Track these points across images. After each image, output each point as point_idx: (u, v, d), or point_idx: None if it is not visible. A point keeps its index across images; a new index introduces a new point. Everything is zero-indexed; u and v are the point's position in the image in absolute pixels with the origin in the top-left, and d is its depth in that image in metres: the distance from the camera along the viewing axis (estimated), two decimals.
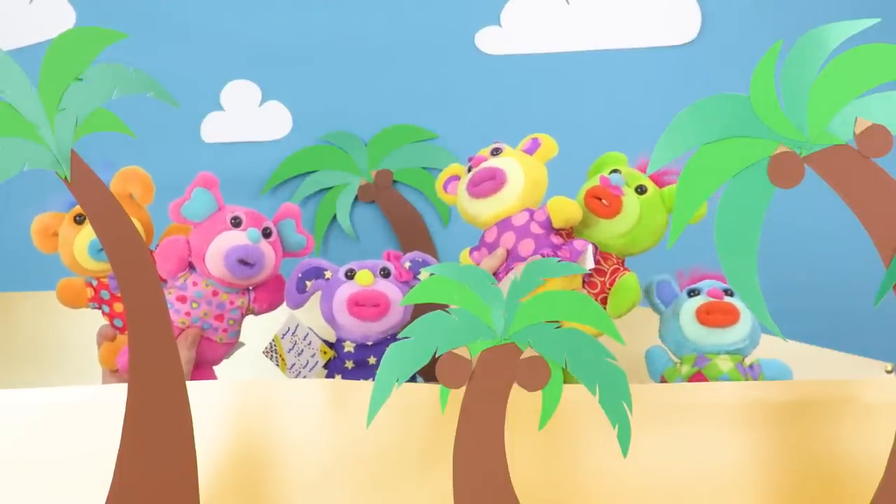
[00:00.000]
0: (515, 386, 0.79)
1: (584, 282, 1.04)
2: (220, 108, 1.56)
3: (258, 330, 1.08)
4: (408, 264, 1.05)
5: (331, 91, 1.56)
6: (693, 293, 1.03)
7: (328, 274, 1.04)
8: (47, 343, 1.29)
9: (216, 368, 1.08)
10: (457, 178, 1.07)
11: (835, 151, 0.76)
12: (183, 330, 1.02)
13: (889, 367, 1.17)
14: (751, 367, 1.02)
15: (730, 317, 1.00)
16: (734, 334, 1.00)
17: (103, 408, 0.84)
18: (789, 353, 1.04)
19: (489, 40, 1.55)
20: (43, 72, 0.74)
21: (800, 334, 1.10)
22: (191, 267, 1.03)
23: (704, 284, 1.04)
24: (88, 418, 0.88)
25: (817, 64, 0.75)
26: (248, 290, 1.06)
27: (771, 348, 1.03)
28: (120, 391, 0.79)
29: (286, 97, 1.56)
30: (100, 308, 1.10)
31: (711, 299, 1.01)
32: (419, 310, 0.84)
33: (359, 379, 1.01)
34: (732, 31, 1.50)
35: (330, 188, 1.56)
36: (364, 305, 1.00)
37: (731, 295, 1.02)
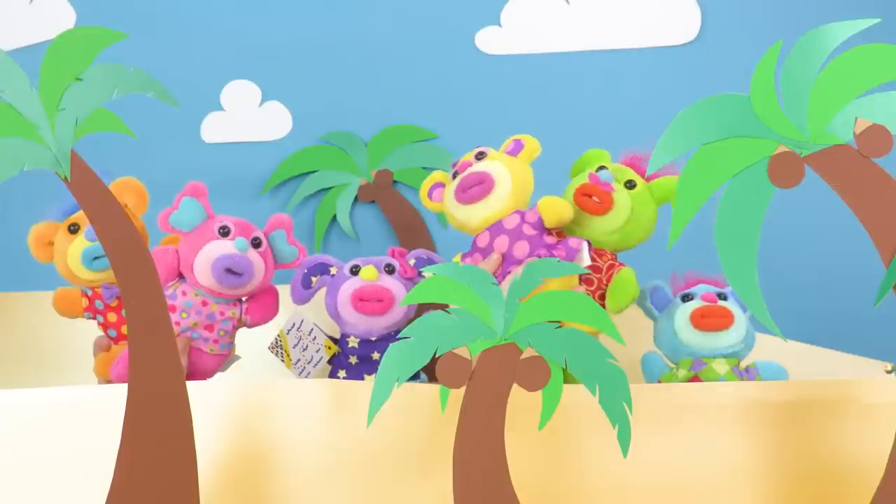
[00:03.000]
0: (515, 386, 0.79)
1: (581, 279, 1.03)
2: (220, 108, 1.56)
3: (258, 330, 1.08)
4: (413, 262, 1.05)
5: (331, 91, 1.56)
6: (687, 298, 1.03)
7: (333, 270, 1.04)
8: (46, 343, 1.29)
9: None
10: (441, 185, 1.06)
11: (835, 151, 0.76)
12: None
13: (889, 367, 1.17)
14: (746, 369, 1.02)
15: (724, 320, 1.00)
16: (729, 338, 1.01)
17: (103, 408, 0.84)
18: (789, 353, 1.04)
19: (489, 40, 1.55)
20: (43, 72, 0.74)
21: (800, 334, 1.10)
22: (181, 277, 1.03)
23: (698, 289, 1.04)
24: (88, 418, 0.88)
25: (817, 64, 0.75)
26: (240, 301, 1.05)
27: (771, 348, 1.03)
28: (120, 391, 0.79)
29: (286, 97, 1.56)
30: (94, 318, 1.10)
31: (705, 303, 1.01)
32: (423, 305, 0.84)
33: (362, 374, 1.02)
34: (732, 31, 1.50)
35: (330, 188, 1.56)
36: (368, 301, 1.00)
37: (725, 299, 1.02)
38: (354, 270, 1.03)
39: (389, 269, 1.03)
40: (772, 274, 1.03)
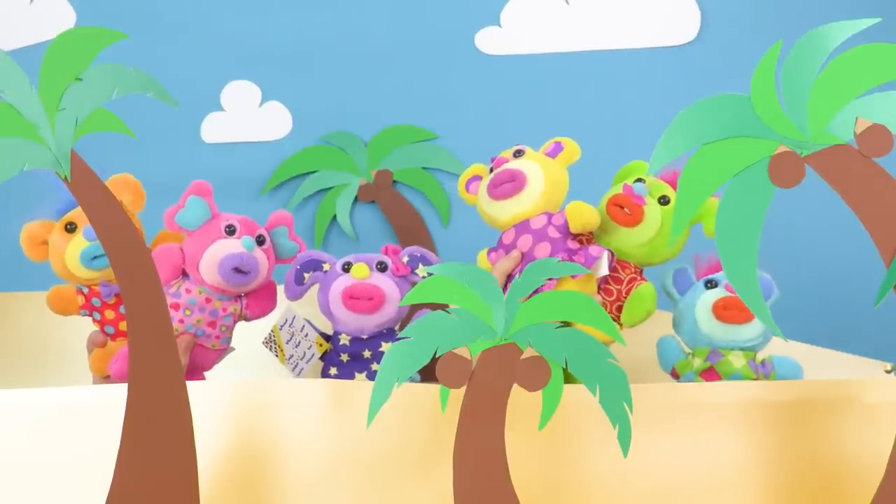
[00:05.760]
0: (515, 386, 0.79)
1: (599, 288, 1.04)
2: (220, 108, 1.56)
3: (255, 331, 1.08)
4: (406, 259, 1.05)
5: (331, 91, 1.56)
6: (710, 284, 1.02)
7: (326, 266, 1.04)
8: (47, 343, 1.29)
9: (207, 374, 1.08)
10: (479, 178, 1.07)
11: (835, 151, 0.76)
12: (177, 337, 1.01)
13: (889, 367, 1.17)
14: (762, 363, 1.01)
15: (746, 313, 0.98)
16: (749, 331, 1.00)
17: (103, 408, 0.84)
18: (790, 353, 1.04)
19: (489, 40, 1.55)
20: (43, 72, 0.74)
21: (800, 334, 1.10)
22: (184, 274, 1.04)
23: (722, 276, 1.02)
24: (88, 418, 0.88)
25: (817, 64, 0.75)
26: (240, 296, 1.06)
27: (771, 348, 1.03)
28: (120, 391, 0.79)
29: (286, 97, 1.56)
30: (91, 315, 1.10)
31: (728, 294, 1.00)
32: (415, 304, 0.84)
33: (353, 372, 1.02)
34: (732, 31, 1.50)
35: (330, 188, 1.56)
36: (359, 298, 1.00)
37: None
38: (346, 268, 1.03)
39: (381, 267, 1.03)
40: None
